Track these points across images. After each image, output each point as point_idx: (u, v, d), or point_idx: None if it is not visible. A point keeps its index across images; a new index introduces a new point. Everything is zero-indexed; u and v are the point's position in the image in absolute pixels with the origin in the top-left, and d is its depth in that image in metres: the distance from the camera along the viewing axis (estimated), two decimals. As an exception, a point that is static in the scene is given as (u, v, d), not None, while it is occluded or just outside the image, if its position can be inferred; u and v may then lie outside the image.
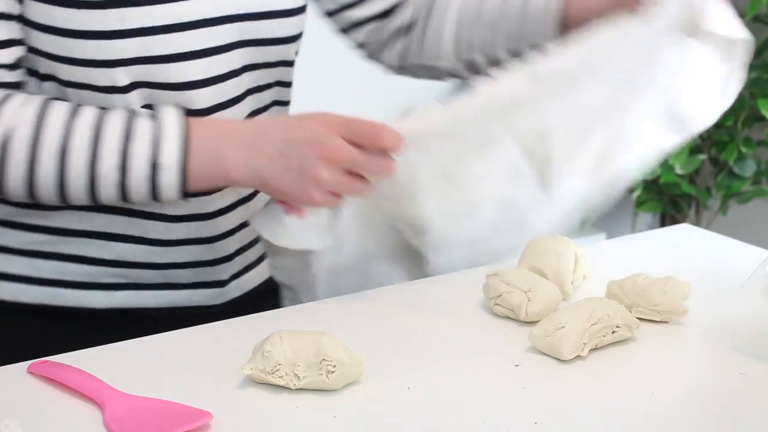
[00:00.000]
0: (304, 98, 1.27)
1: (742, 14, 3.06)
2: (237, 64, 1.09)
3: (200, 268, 1.15)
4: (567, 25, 1.15)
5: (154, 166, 0.99)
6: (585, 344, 0.93)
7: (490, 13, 1.20)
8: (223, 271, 1.16)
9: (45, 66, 1.04)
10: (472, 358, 0.96)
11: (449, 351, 0.97)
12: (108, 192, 1.00)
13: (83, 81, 1.03)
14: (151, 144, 0.99)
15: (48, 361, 0.92)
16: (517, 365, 0.94)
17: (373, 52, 1.30)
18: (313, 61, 1.28)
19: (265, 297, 1.17)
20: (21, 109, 0.99)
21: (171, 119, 1.00)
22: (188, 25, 1.04)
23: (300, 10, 1.14)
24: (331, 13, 1.27)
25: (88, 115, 1.00)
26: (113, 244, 1.11)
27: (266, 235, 1.05)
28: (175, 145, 0.99)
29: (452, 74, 1.26)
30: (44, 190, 1.00)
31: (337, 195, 1.01)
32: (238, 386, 0.89)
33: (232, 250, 1.16)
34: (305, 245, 1.04)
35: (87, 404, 0.85)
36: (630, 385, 0.91)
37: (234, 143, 1.00)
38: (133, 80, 1.03)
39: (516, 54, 1.18)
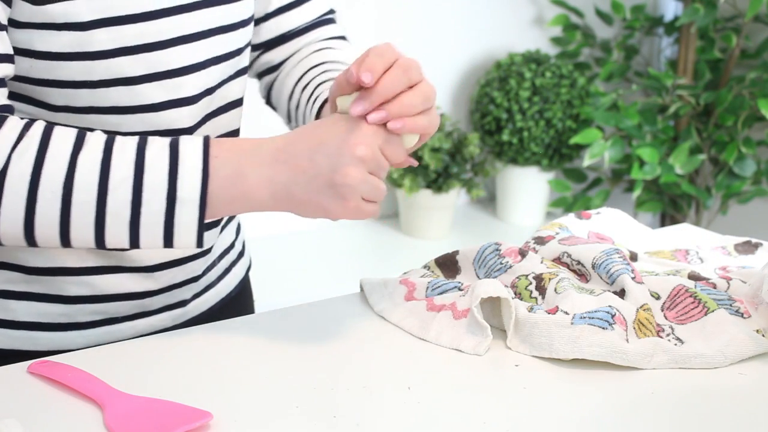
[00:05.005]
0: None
1: (742, 14, 3.08)
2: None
3: (169, 292, 1.10)
4: None
5: (172, 185, 0.91)
6: None
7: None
8: (188, 291, 1.12)
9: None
10: (472, 358, 0.96)
11: (449, 351, 0.97)
12: (117, 232, 0.92)
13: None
14: (169, 167, 0.91)
15: (48, 361, 0.92)
16: (517, 365, 0.94)
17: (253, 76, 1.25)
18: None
19: (219, 316, 1.14)
20: (19, 142, 0.90)
21: (190, 144, 0.93)
22: (166, 12, 0.99)
23: None
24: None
25: (95, 146, 0.92)
26: (91, 278, 1.05)
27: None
28: (195, 171, 0.91)
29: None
30: (45, 233, 0.92)
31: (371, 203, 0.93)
32: (238, 386, 0.89)
33: (200, 270, 1.12)
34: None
35: (87, 404, 0.85)
36: (630, 385, 0.91)
37: (255, 160, 0.93)
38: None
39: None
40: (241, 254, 1.24)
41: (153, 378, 0.90)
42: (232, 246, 1.20)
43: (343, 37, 1.24)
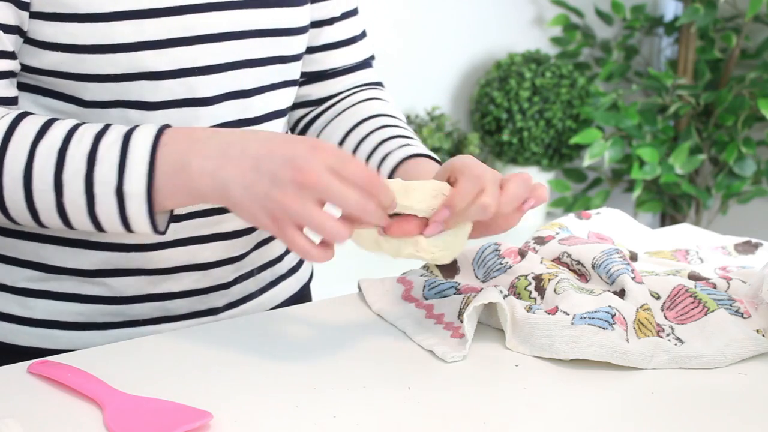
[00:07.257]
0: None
1: (742, 14, 3.08)
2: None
3: (195, 297, 1.09)
4: None
5: (121, 165, 0.91)
6: None
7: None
8: (218, 299, 1.10)
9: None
10: (472, 358, 0.96)
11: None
12: (80, 219, 0.94)
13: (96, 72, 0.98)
14: (119, 160, 0.91)
15: (48, 361, 0.92)
16: (517, 365, 0.94)
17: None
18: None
19: None
20: None
21: (142, 133, 0.92)
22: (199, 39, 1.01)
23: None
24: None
25: (56, 135, 0.93)
26: (109, 279, 1.05)
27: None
28: (141, 163, 0.91)
29: None
30: (19, 216, 0.95)
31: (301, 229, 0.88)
32: (238, 386, 0.89)
33: (230, 278, 1.10)
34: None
35: (87, 404, 0.85)
36: (630, 385, 0.91)
37: (203, 151, 0.90)
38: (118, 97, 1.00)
39: None
40: (293, 270, 1.21)
41: (153, 378, 0.90)
42: (279, 260, 1.17)
43: (381, 83, 1.26)
